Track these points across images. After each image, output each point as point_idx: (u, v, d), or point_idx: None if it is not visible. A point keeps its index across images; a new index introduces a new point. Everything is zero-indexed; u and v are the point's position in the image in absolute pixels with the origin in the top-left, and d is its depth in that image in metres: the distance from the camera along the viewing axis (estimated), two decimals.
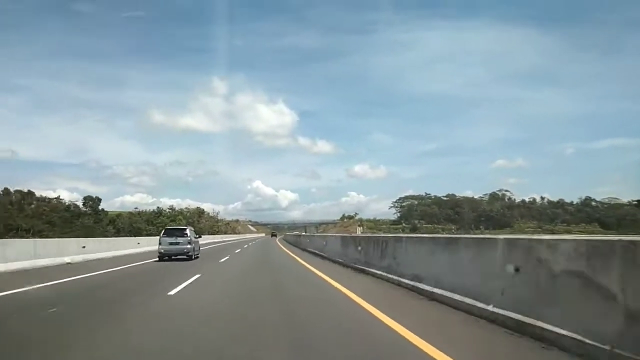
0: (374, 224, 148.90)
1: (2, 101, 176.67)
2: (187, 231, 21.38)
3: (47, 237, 58.36)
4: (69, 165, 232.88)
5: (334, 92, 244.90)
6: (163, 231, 21.83)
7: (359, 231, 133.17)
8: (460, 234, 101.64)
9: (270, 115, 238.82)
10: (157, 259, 19.94)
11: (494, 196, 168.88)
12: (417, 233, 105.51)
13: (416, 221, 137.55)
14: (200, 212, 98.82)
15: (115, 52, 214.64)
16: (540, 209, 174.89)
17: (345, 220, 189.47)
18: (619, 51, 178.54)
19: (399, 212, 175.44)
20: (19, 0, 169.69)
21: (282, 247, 41.77)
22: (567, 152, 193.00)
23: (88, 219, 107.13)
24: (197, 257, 22.41)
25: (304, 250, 31.90)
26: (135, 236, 50.69)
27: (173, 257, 20.04)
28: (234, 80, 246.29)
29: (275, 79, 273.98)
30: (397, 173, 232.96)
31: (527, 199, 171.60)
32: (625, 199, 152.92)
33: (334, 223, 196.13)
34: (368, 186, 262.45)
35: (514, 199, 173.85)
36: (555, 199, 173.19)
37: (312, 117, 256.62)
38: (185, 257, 20.29)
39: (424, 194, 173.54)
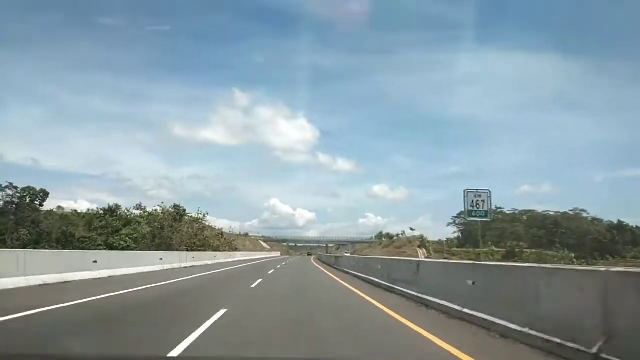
0: (441, 246, 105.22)
1: (28, 111, 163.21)
2: None
3: None
4: (90, 177, 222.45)
5: (356, 112, 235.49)
6: None
7: (421, 255, 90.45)
8: (582, 264, 61.91)
9: (291, 132, 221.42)
10: None
11: (566, 216, 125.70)
12: (520, 262, 63.31)
13: (514, 243, 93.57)
14: (179, 214, 57.80)
15: (139, 65, 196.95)
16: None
17: (384, 240, 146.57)
18: None
19: (460, 230, 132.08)
20: (49, 14, 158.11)
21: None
22: (595, 179, 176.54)
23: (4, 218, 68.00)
24: None
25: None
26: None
27: None
28: (254, 95, 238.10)
29: (296, 97, 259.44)
30: (417, 196, 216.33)
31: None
32: None
33: (368, 242, 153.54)
34: (386, 208, 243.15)
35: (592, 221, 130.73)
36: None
37: (332, 137, 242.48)
38: None
39: (495, 208, 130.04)
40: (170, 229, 53.82)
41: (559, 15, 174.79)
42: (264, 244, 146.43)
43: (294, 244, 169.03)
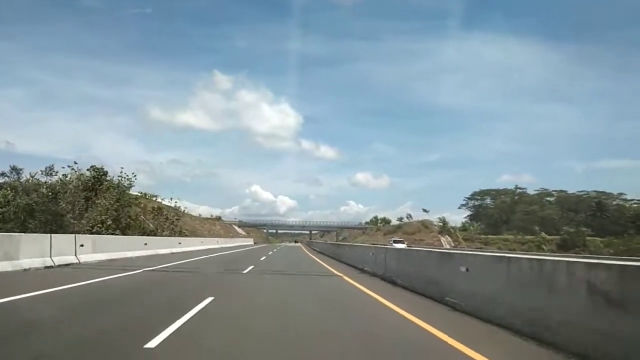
0: (467, 233, 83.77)
1: (6, 93, 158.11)
2: None
3: None
4: (62, 161, 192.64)
5: (339, 99, 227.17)
6: None
7: (445, 244, 69.34)
8: None
9: (274, 117, 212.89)
10: None
11: (610, 196, 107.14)
12: (588, 256, 43.35)
13: (574, 229, 72.83)
14: (98, 181, 34.53)
15: (120, 48, 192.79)
16: None
17: (380, 225, 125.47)
18: (628, 70, 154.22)
19: (472, 214, 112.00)
20: None
21: None
22: (575, 169, 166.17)
23: None
24: None
25: None
26: None
27: None
28: (237, 79, 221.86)
29: (280, 83, 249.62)
30: (399, 184, 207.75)
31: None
32: None
33: (359, 228, 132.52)
34: (368, 196, 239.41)
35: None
36: None
37: (316, 123, 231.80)
38: None
39: (514, 188, 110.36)
40: (71, 201, 30.73)
41: (544, 3, 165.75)
42: (239, 230, 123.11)
43: (274, 231, 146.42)
